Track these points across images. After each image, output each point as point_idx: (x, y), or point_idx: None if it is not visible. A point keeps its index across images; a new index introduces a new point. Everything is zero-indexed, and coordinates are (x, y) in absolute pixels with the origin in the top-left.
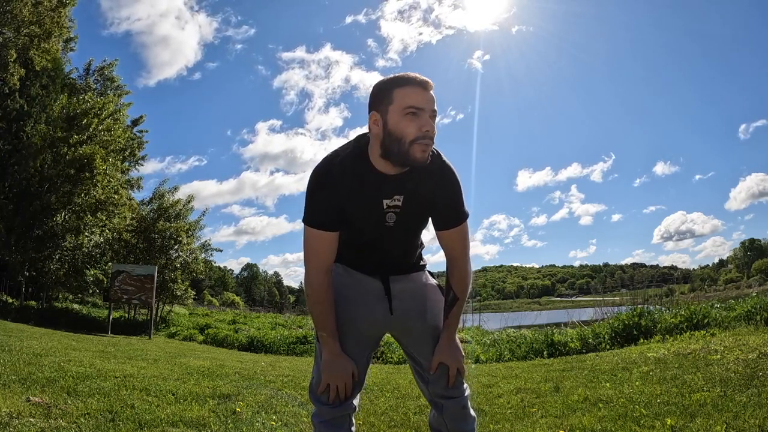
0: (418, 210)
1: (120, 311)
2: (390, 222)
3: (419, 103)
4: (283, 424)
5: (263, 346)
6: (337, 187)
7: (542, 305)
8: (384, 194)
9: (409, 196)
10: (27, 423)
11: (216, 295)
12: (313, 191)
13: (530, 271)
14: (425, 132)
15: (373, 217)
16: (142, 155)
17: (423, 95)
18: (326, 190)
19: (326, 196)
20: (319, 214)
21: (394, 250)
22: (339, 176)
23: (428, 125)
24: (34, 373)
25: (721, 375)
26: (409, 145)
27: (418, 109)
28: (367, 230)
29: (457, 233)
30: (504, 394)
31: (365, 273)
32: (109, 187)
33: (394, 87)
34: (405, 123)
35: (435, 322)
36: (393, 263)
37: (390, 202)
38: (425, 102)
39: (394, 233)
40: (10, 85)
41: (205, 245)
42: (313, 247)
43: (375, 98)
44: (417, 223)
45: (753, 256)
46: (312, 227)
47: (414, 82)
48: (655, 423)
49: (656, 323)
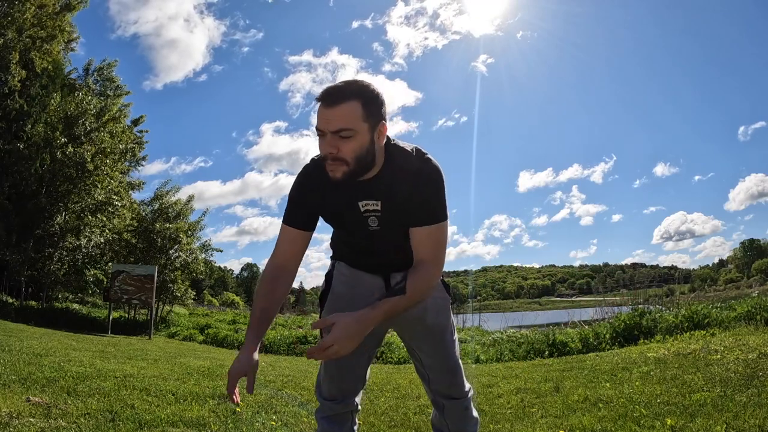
0: (399, 212)
1: (120, 311)
2: (373, 226)
3: (320, 125)
4: (283, 424)
5: (263, 346)
6: (313, 188)
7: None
8: (357, 198)
9: (386, 199)
10: (27, 423)
11: (216, 295)
12: (291, 189)
13: (530, 271)
14: (325, 153)
15: (355, 221)
16: (143, 156)
17: (324, 115)
18: (300, 190)
19: (299, 195)
20: (288, 210)
21: (389, 250)
22: (317, 178)
23: (330, 147)
24: (34, 373)
25: (721, 375)
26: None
27: (321, 131)
28: (356, 233)
29: (426, 233)
30: (504, 394)
31: (366, 271)
32: (110, 189)
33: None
34: (318, 143)
35: (436, 319)
36: (392, 262)
37: (368, 207)
38: (325, 123)
39: (382, 236)
40: (11, 86)
41: (206, 245)
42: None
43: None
44: (402, 225)
45: (753, 256)
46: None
47: (320, 100)
48: (655, 423)
49: (657, 323)
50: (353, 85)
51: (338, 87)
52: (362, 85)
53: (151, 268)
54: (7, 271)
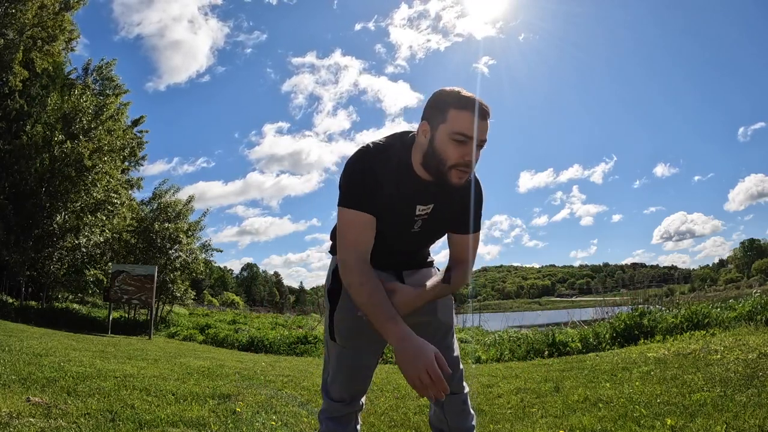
0: (445, 218)
1: (120, 311)
2: (416, 228)
3: (470, 132)
4: (283, 424)
5: (263, 346)
6: (378, 178)
7: (542, 305)
8: (418, 200)
9: (439, 205)
10: (27, 423)
11: (216, 295)
12: (354, 173)
13: (530, 271)
14: (466, 161)
15: (401, 221)
16: (143, 155)
17: (479, 125)
18: (367, 176)
19: (367, 180)
20: (358, 194)
21: (413, 251)
22: (381, 169)
23: (471, 155)
24: (34, 373)
25: (721, 375)
26: (447, 169)
27: (468, 138)
28: (389, 233)
29: (471, 240)
30: (504, 394)
31: (379, 268)
32: (109, 187)
33: (452, 107)
34: (451, 147)
35: (446, 317)
36: (407, 260)
37: (422, 210)
38: (480, 132)
39: (417, 238)
40: (11, 86)
41: (206, 245)
42: (351, 230)
43: (430, 109)
44: (441, 230)
45: (753, 256)
46: (349, 208)
47: (473, 108)
48: (655, 423)
49: (657, 323)
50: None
51: (483, 103)
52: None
53: (151, 268)
54: (7, 271)
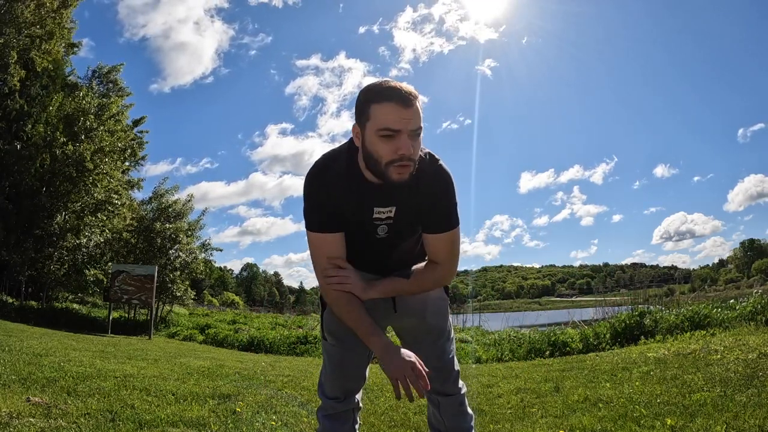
0: (411, 218)
1: (120, 311)
2: (381, 234)
3: (395, 125)
4: (283, 424)
5: (263, 346)
6: (331, 191)
7: (542, 305)
8: (375, 203)
9: (401, 206)
10: (27, 423)
11: (216, 295)
12: (311, 194)
13: (530, 271)
14: (401, 155)
15: (364, 229)
16: (143, 155)
17: (400, 114)
18: (322, 192)
19: (323, 199)
20: (319, 216)
21: (392, 254)
22: (334, 180)
23: (405, 147)
24: (34, 373)
25: (721, 375)
26: (385, 167)
27: (394, 131)
28: (357, 241)
29: (444, 239)
30: (504, 394)
31: (367, 271)
32: (110, 188)
33: (372, 102)
34: (380, 144)
35: (435, 320)
36: (393, 264)
37: (382, 214)
38: (402, 122)
39: (388, 242)
40: (10, 86)
41: (206, 245)
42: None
43: (356, 110)
44: (411, 231)
45: (753, 256)
46: (313, 231)
47: (392, 98)
48: (655, 423)
49: (657, 323)
50: (409, 85)
51: (406, 87)
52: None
53: (151, 268)
54: (7, 271)
